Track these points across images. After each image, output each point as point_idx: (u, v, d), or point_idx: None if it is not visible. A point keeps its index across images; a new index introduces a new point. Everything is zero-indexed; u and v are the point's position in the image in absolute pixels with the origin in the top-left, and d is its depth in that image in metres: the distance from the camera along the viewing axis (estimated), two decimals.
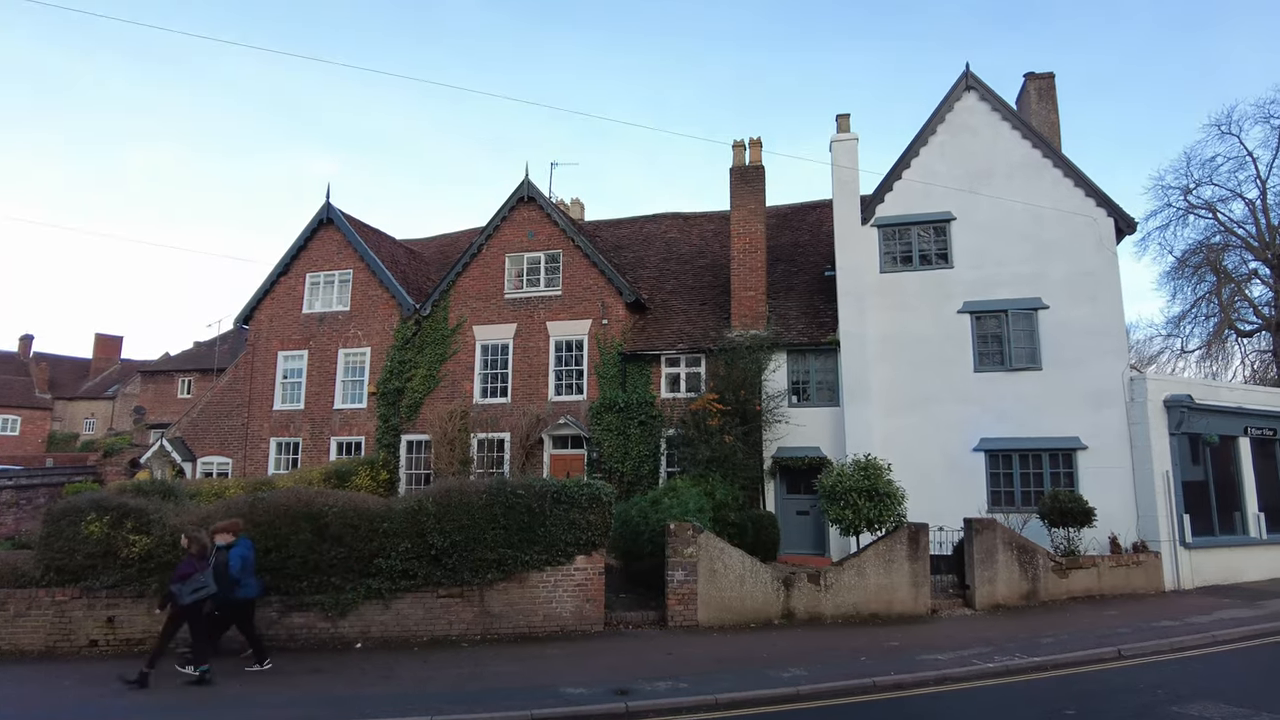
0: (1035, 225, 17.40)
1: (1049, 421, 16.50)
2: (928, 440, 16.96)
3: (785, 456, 17.96)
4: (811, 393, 18.58)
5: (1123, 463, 16.05)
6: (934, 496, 15.62)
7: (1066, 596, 14.03)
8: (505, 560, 11.61)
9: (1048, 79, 19.75)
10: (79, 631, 10.89)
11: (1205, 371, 31.18)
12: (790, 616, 12.47)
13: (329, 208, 22.72)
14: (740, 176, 20.25)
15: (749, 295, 19.37)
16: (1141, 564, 14.89)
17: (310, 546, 11.24)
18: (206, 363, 41.20)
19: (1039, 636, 10.97)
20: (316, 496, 11.72)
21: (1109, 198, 17.25)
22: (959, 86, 18.36)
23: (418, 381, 21.14)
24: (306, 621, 11.25)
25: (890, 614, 12.68)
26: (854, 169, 18.52)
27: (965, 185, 17.86)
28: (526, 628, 11.62)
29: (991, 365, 17.22)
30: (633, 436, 18.86)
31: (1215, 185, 29.03)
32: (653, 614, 12.34)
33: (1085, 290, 16.91)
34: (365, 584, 11.31)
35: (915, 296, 17.82)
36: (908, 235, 18.23)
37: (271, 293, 23.00)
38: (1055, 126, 19.20)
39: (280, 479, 19.12)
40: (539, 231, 21.28)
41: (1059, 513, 14.90)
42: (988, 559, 13.56)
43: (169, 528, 11.15)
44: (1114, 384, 16.38)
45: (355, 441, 21.58)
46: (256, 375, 22.65)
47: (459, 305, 21.39)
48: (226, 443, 22.58)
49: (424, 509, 11.56)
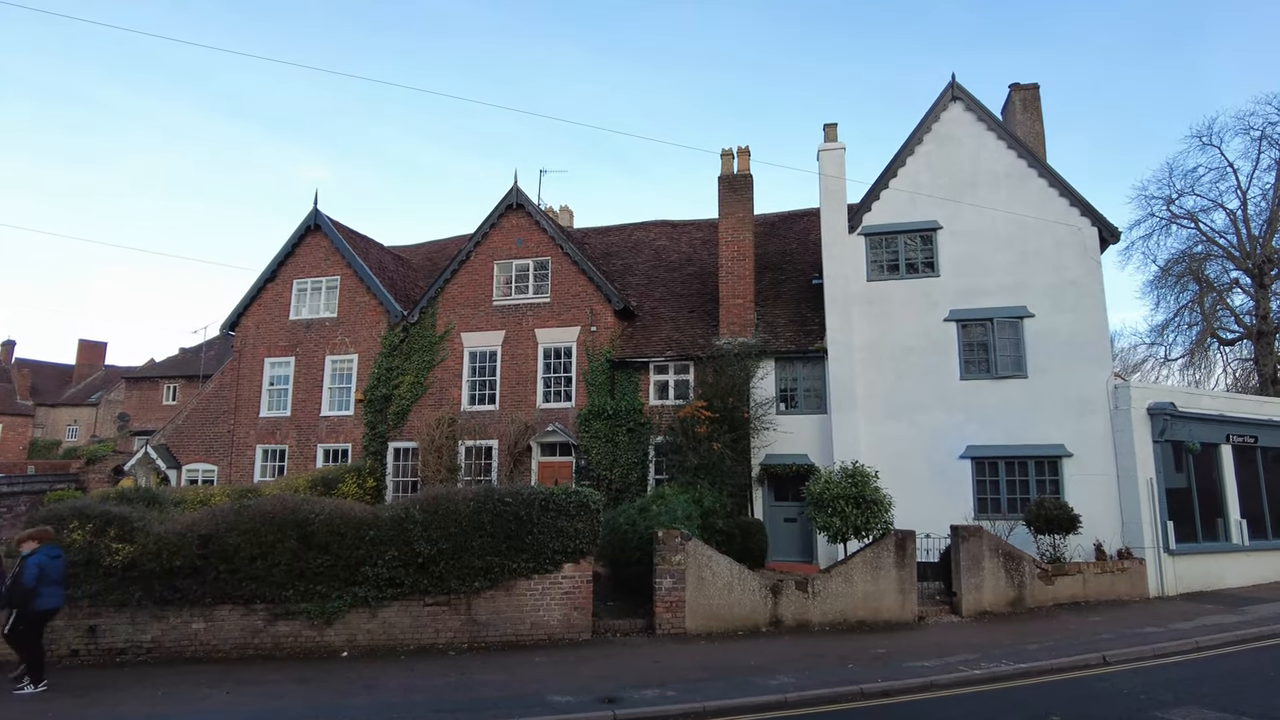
0: (1020, 234, 17.56)
1: (1034, 429, 16.62)
2: (914, 447, 17.04)
3: (773, 464, 18.01)
4: (799, 400, 18.64)
5: (1107, 470, 16.18)
6: (921, 504, 15.71)
7: (1052, 603, 14.11)
8: (492, 568, 11.58)
9: (1032, 90, 19.97)
10: (59, 641, 10.76)
11: (1188, 379, 31.51)
12: (778, 624, 12.48)
13: (316, 214, 22.65)
14: (729, 185, 20.35)
15: (737, 303, 19.43)
16: (1126, 571, 15.00)
17: (296, 554, 11.19)
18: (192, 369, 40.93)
19: (1025, 643, 11.03)
20: (302, 504, 11.67)
21: (1093, 207, 17.44)
22: (945, 97, 18.53)
23: (405, 388, 21.07)
24: (292, 630, 11.18)
25: (877, 621, 12.71)
26: (841, 178, 18.65)
27: (951, 195, 18.02)
28: (514, 636, 11.58)
29: (977, 373, 17.34)
30: (621, 444, 18.85)
31: (1197, 195, 29.42)
32: (641, 622, 12.33)
33: (1070, 299, 17.07)
34: (352, 592, 11.26)
35: (902, 305, 17.94)
36: (894, 244, 18.35)
37: (258, 299, 22.89)
38: (1040, 136, 19.41)
39: (266, 486, 18.99)
40: (527, 239, 21.29)
41: (1045, 520, 14.99)
42: (974, 566, 13.62)
43: (153, 536, 11.06)
44: (1098, 392, 16.53)
45: (342, 449, 21.47)
46: (243, 382, 22.50)
47: (447, 312, 21.36)
48: (212, 450, 22.41)
49: (411, 517, 11.52)
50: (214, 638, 11.09)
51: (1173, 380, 32.21)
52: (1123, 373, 30.70)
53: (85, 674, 10.15)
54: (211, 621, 11.12)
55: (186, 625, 11.07)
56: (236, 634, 11.13)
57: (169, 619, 11.05)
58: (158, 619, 11.02)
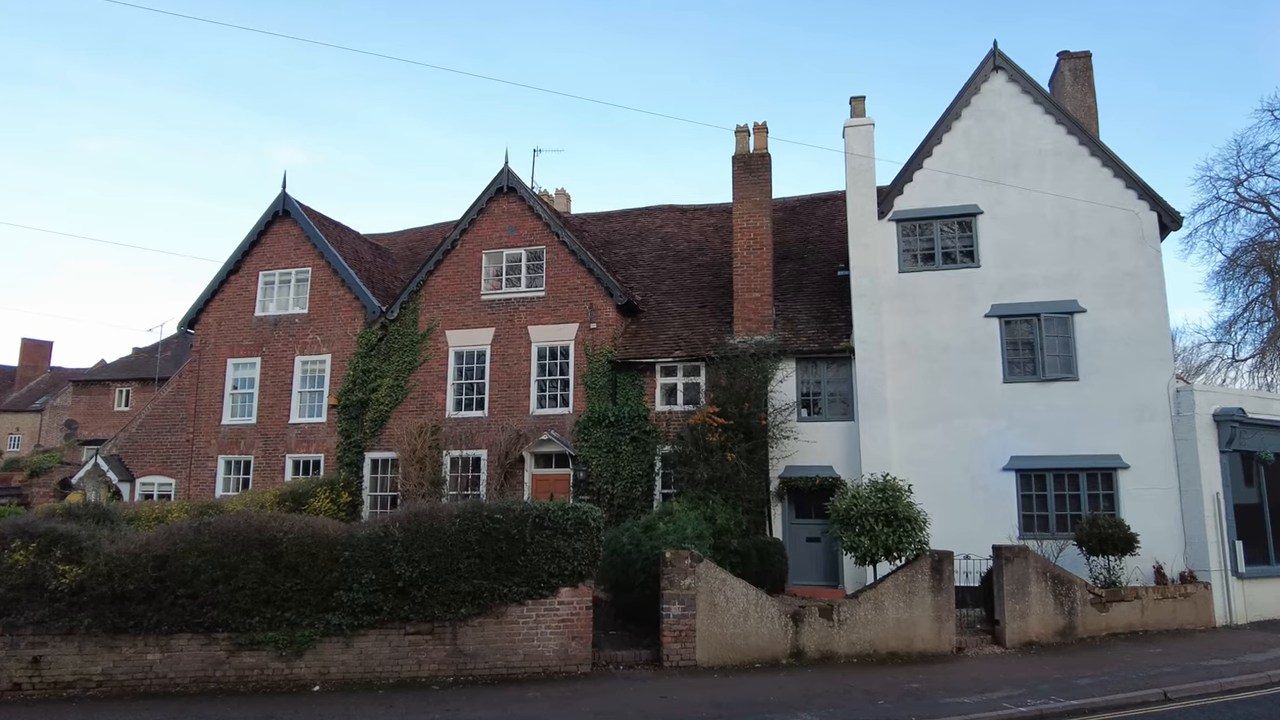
0: (1070, 220, 17.54)
1: (1086, 438, 16.60)
2: (952, 458, 17.04)
3: (794, 476, 18.00)
4: (823, 405, 18.63)
5: (1168, 483, 16.14)
6: (959, 521, 15.69)
7: (1106, 632, 14.09)
8: (481, 593, 11.58)
9: (1083, 58, 19.94)
10: (0, 674, 10.80)
11: (1259, 382, 31.39)
12: (800, 655, 12.48)
13: (285, 198, 22.72)
14: (744, 165, 20.36)
15: (753, 297, 19.44)
16: (1189, 596, 14.95)
17: (262, 577, 11.20)
18: (147, 372, 41.10)
19: (1076, 677, 11.00)
20: (270, 521, 11.68)
21: (1151, 189, 17.41)
22: (986, 67, 18.52)
23: (384, 393, 21.11)
24: (258, 661, 11.18)
25: (911, 652, 12.70)
26: (870, 157, 18.63)
27: (993, 176, 18.00)
28: (505, 668, 11.58)
29: (1022, 375, 17.31)
30: (624, 454, 18.87)
31: (1269, 176, 29.34)
32: (646, 653, 12.33)
33: (1126, 292, 17.04)
34: (324, 619, 11.26)
35: (938, 299, 17.94)
36: (929, 231, 18.34)
37: (220, 293, 22.96)
38: (1092, 111, 19.37)
39: (229, 501, 19.05)
40: (520, 226, 21.33)
41: (1098, 539, 14.98)
42: (1019, 591, 13.60)
43: (104, 557, 11.09)
44: (1158, 396, 16.49)
45: (313, 460, 21.52)
46: (203, 386, 22.58)
47: (430, 308, 21.40)
48: (169, 461, 22.48)
49: (390, 535, 11.53)
50: (171, 670, 11.08)
51: (1241, 383, 32.11)
52: (1185, 375, 30.59)
53: (29, 710, 10.17)
54: (168, 652, 11.12)
55: (141, 656, 11.07)
56: (196, 666, 11.13)
57: (121, 649, 11.05)
58: (109, 649, 11.02)
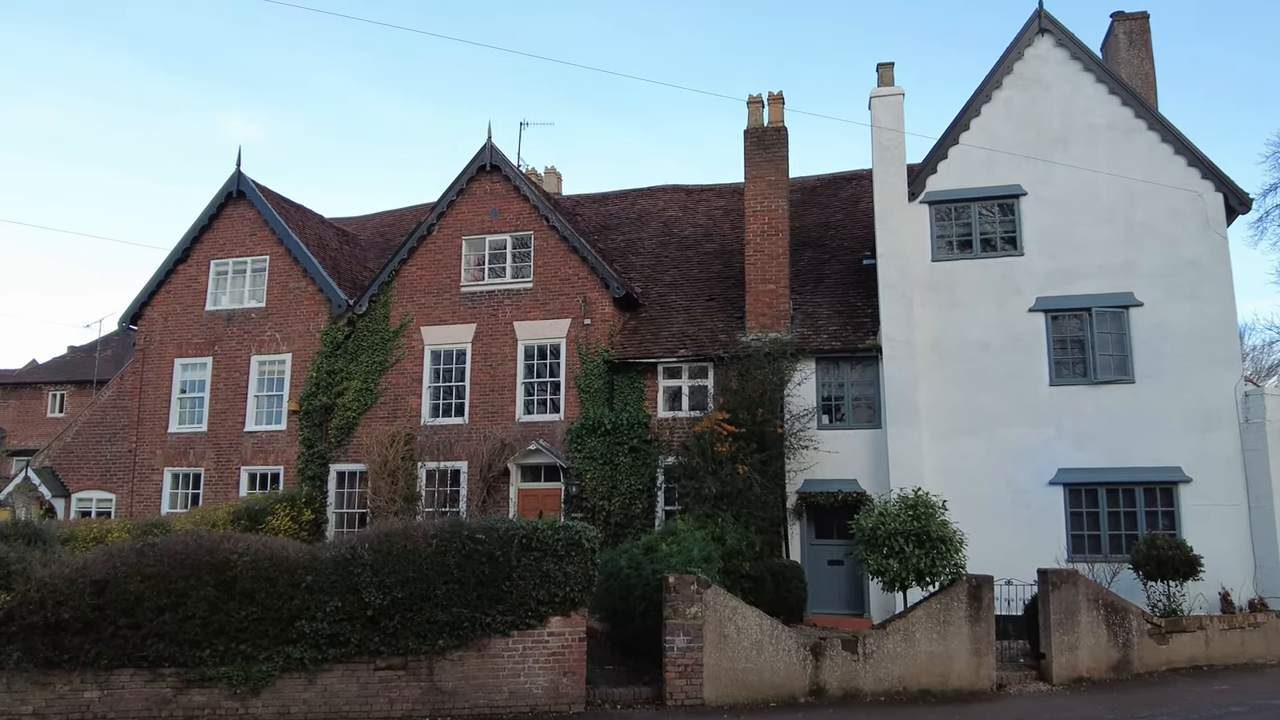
0: (1126, 202, 17.55)
1: (1143, 448, 16.61)
2: (992, 471, 17.05)
3: (813, 491, 18.01)
4: (846, 411, 18.64)
5: (1235, 499, 16.16)
6: (1000, 542, 15.66)
7: (1166, 667, 14.08)
8: (461, 623, 11.60)
9: (1140, 20, 19.97)
10: None
11: None
12: (820, 693, 12.48)
13: (240, 178, 22.72)
14: (757, 140, 20.35)
15: (767, 289, 19.44)
16: (1259, 626, 14.95)
17: (214, 605, 11.21)
18: (84, 373, 41.06)
19: (1132, 718, 10.99)
20: (222, 542, 11.70)
21: (1217, 168, 17.43)
22: (1030, 30, 18.53)
23: (351, 397, 21.12)
24: (209, 700, 11.19)
25: (945, 689, 12.70)
26: (899, 131, 18.65)
27: (1038, 152, 18.00)
28: (487, 707, 11.60)
29: (1071, 377, 17.33)
30: (622, 466, 18.87)
31: None
32: (647, 690, 12.36)
33: (1188, 283, 17.05)
34: (284, 652, 11.27)
35: (976, 291, 17.95)
36: (966, 214, 18.34)
37: (167, 285, 22.95)
38: (1150, 79, 19.41)
39: (177, 519, 19.04)
40: (504, 208, 21.33)
41: (1156, 562, 14.98)
42: (1068, 620, 13.60)
43: (36, 582, 11.09)
44: (1225, 400, 16.51)
45: (272, 472, 21.52)
46: (147, 389, 22.58)
47: (403, 301, 21.41)
48: (109, 474, 22.48)
49: (358, 558, 11.55)
50: (111, 710, 11.09)
51: None
52: (1255, 377, 30.60)
53: None
54: (108, 689, 11.13)
55: (77, 694, 11.07)
56: (140, 705, 11.13)
57: (55, 686, 11.06)
58: (41, 685, 11.03)
